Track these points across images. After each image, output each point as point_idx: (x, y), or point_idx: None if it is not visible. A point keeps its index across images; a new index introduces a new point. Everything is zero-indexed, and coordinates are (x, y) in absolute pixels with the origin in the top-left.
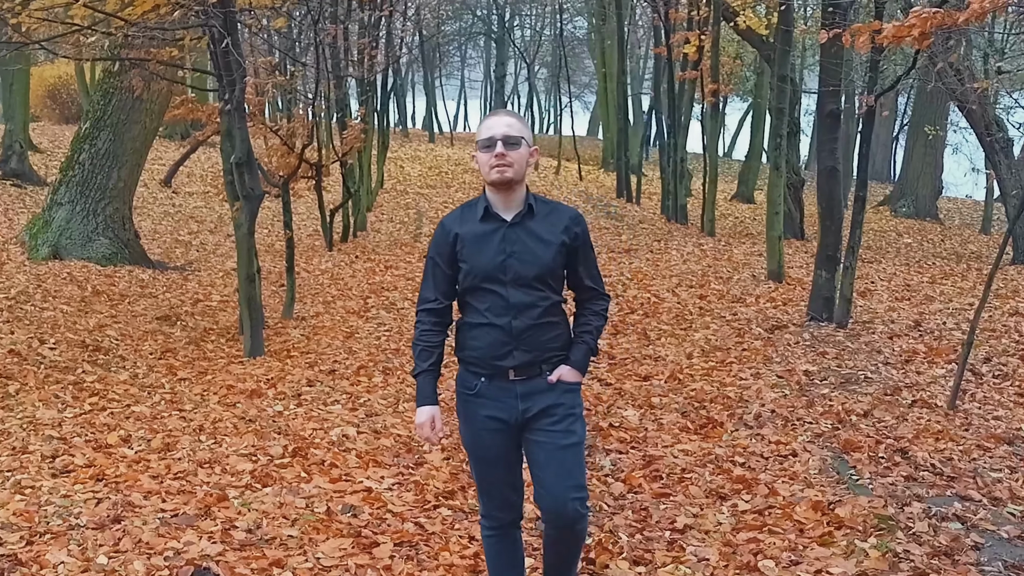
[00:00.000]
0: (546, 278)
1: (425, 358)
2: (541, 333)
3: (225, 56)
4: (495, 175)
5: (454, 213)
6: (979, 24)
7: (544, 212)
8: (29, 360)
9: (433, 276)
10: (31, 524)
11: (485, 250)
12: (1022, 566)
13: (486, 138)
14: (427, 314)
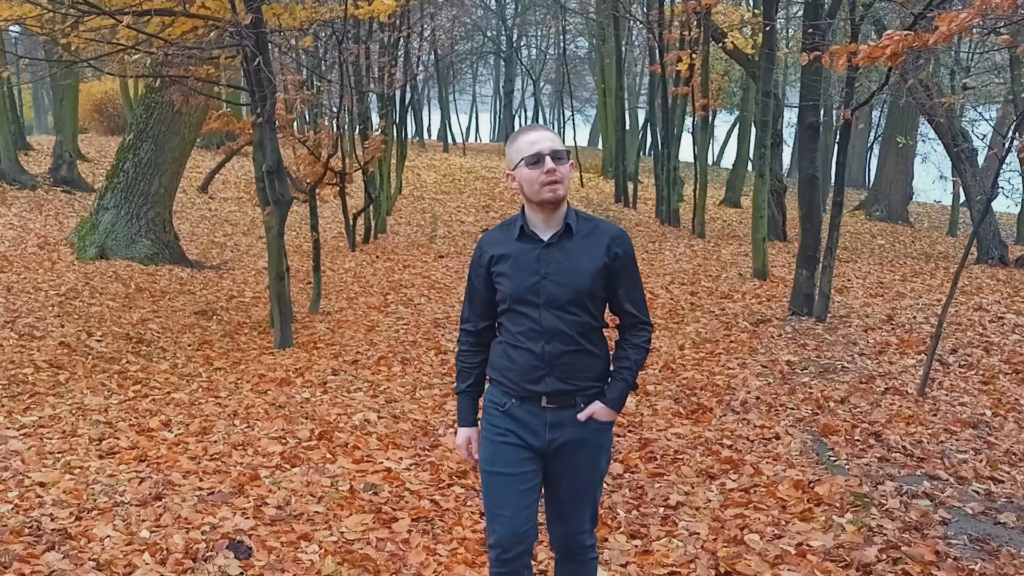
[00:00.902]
0: (583, 301)
1: (464, 378)
2: (576, 361)
3: (257, 73)
4: (547, 193)
5: (492, 232)
6: (946, 45)
7: (584, 231)
8: (78, 351)
9: (470, 296)
10: (80, 501)
11: (519, 271)
12: (986, 540)
13: (532, 154)
14: (465, 334)
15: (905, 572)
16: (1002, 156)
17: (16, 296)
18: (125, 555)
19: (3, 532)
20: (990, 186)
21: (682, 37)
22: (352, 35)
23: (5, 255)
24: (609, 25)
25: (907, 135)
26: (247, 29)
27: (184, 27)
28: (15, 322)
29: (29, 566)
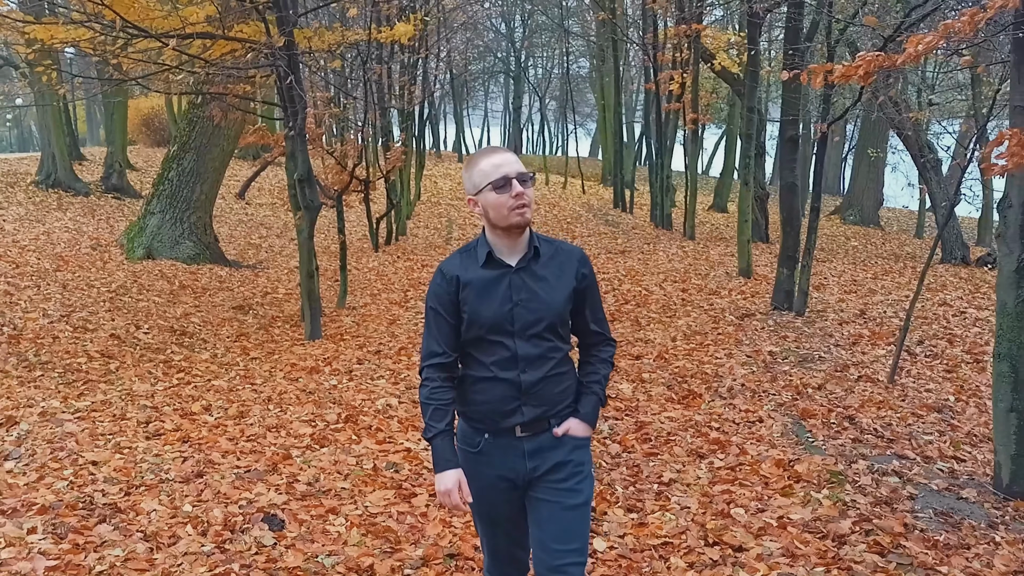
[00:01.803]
0: (556, 327)
1: (439, 418)
2: (551, 386)
3: (289, 91)
4: (516, 218)
5: (452, 260)
6: (914, 65)
7: (549, 253)
8: (127, 343)
9: (437, 327)
10: (128, 478)
11: (490, 299)
12: (949, 513)
13: (499, 177)
14: (435, 370)
15: (876, 542)
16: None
17: (71, 293)
18: (170, 527)
19: (59, 506)
20: (953, 193)
21: (674, 58)
22: (375, 56)
23: (61, 255)
24: (608, 47)
25: (878, 147)
26: (281, 51)
27: (223, 49)
28: (70, 316)
29: (83, 537)
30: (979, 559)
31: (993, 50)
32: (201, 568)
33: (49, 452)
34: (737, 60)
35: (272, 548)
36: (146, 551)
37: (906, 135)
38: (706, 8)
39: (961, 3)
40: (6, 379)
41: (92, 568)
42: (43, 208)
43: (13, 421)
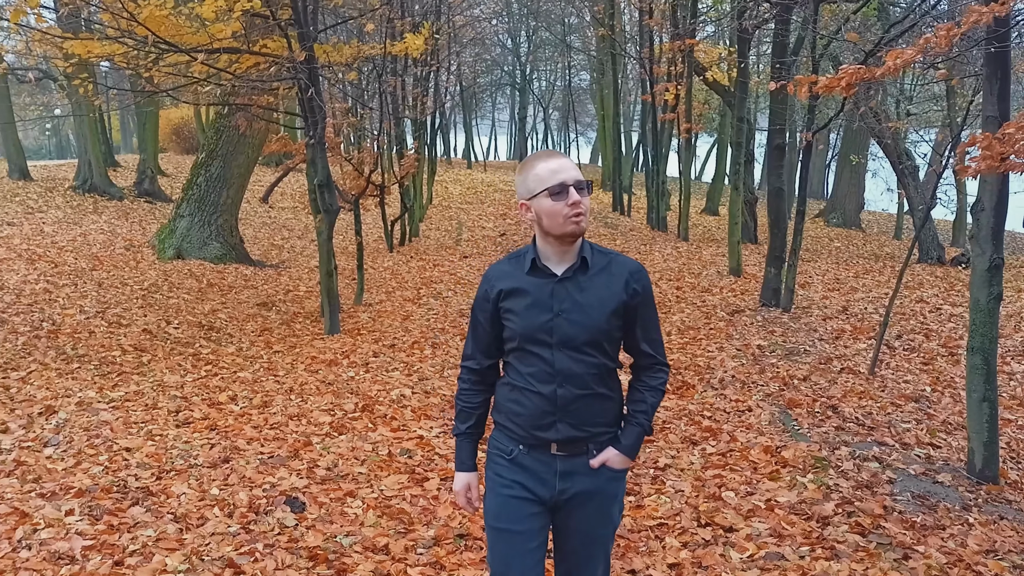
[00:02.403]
0: (599, 342)
1: (464, 419)
2: (589, 406)
3: (310, 102)
4: (571, 226)
5: (500, 265)
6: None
7: (600, 265)
8: (158, 337)
9: (474, 332)
10: (160, 463)
11: (531, 308)
12: (926, 496)
13: (557, 183)
14: (467, 372)
15: (858, 524)
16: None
17: (106, 290)
18: (198, 509)
19: (95, 490)
20: (929, 197)
21: (669, 71)
22: (390, 69)
23: (97, 255)
24: (607, 61)
25: (859, 154)
26: (302, 65)
27: (248, 63)
28: (105, 312)
29: (117, 518)
30: (954, 539)
31: (967, 64)
32: (227, 547)
33: (86, 439)
34: (728, 73)
35: (294, 529)
36: (176, 531)
37: (885, 143)
38: (699, 25)
39: (937, 20)
40: (45, 371)
41: (126, 547)
42: (80, 211)
43: (52, 410)
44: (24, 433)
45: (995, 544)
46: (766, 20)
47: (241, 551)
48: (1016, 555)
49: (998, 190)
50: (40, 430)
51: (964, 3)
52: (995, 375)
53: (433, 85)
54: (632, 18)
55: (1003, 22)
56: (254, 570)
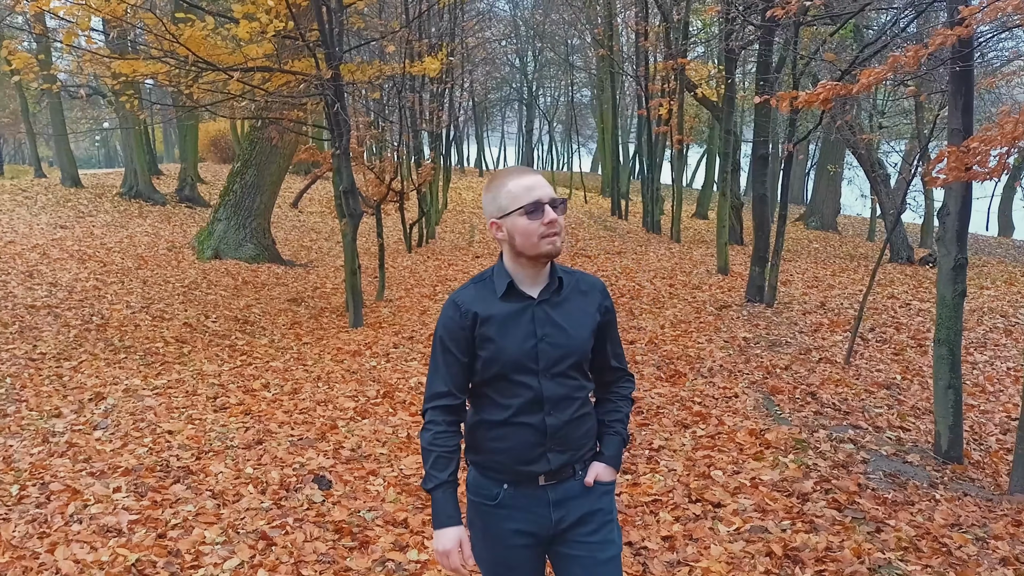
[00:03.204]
0: (581, 364)
1: (442, 467)
2: (576, 429)
3: (336, 116)
4: (547, 246)
5: (466, 290)
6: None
7: (571, 284)
8: (198, 330)
9: (446, 365)
10: (199, 445)
11: (513, 335)
12: (896, 475)
13: (531, 201)
14: (440, 412)
15: (834, 500)
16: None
17: (150, 287)
18: (234, 487)
19: (140, 469)
20: (899, 203)
21: (663, 88)
22: (408, 86)
23: (142, 256)
24: (607, 79)
25: (836, 163)
26: (328, 82)
27: (280, 81)
28: (149, 307)
29: (160, 495)
30: (922, 513)
31: (933, 81)
32: (261, 521)
33: (132, 423)
34: (716, 89)
35: (321, 504)
36: (214, 507)
37: (860, 153)
38: (689, 45)
39: (906, 41)
40: (95, 360)
41: (168, 521)
42: (126, 216)
43: (101, 396)
44: (76, 417)
45: (959, 518)
46: (751, 41)
47: (273, 525)
48: (979, 528)
49: (962, 196)
50: (90, 415)
51: (931, 26)
52: (960, 365)
53: (448, 100)
54: (629, 40)
55: (966, 43)
56: (285, 542)
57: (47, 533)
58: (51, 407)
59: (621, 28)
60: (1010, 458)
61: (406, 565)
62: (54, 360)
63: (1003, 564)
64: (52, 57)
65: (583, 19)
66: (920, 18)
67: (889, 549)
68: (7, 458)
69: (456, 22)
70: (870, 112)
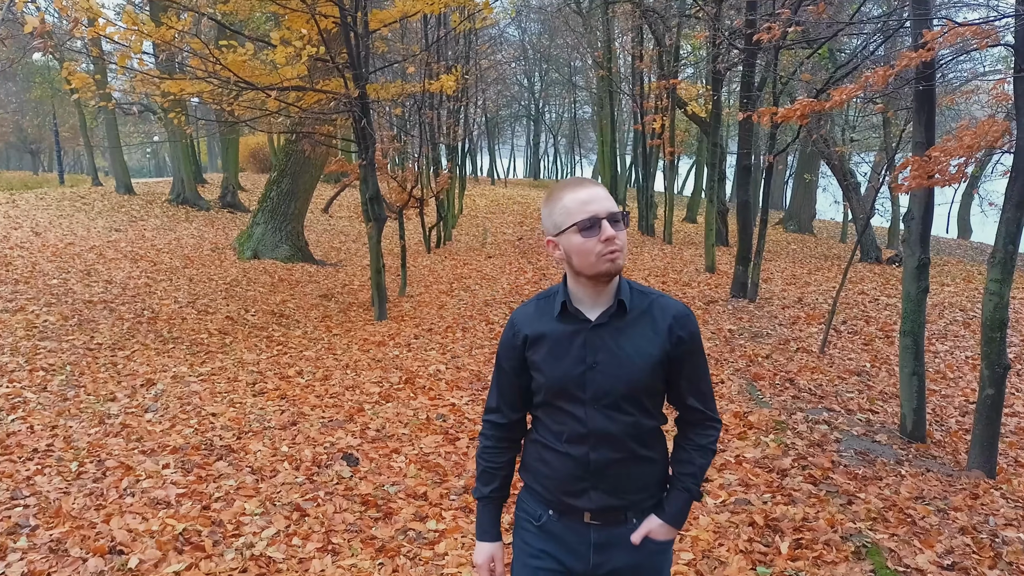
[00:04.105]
0: (639, 397)
1: (486, 481)
2: (627, 470)
3: (362, 130)
4: (606, 265)
5: (527, 308)
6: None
7: (640, 308)
8: (238, 322)
9: (498, 382)
10: (239, 426)
11: (560, 358)
12: (866, 452)
13: (587, 217)
14: (491, 427)
15: (810, 475)
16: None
17: (196, 284)
18: (271, 463)
19: (187, 448)
20: (869, 208)
21: (656, 105)
22: (428, 104)
23: (188, 256)
24: (606, 97)
25: (812, 172)
26: (356, 100)
27: (312, 99)
28: (195, 302)
29: (204, 471)
30: (889, 487)
31: (900, 99)
32: (295, 494)
33: (179, 406)
34: (704, 106)
35: (349, 479)
36: (253, 481)
37: (833, 163)
38: (680, 67)
39: (875, 63)
40: (146, 350)
41: (212, 495)
42: (174, 220)
43: (151, 382)
44: (128, 401)
45: (923, 492)
46: (735, 63)
47: (306, 497)
48: (940, 501)
49: (925, 202)
50: (142, 399)
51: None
52: (923, 354)
53: (463, 116)
54: (626, 62)
55: (929, 65)
56: (317, 513)
57: (103, 505)
58: (107, 392)
59: (619, 51)
60: (968, 438)
61: (425, 534)
62: (109, 350)
63: (962, 533)
64: (108, 77)
65: (584, 43)
66: (888, 42)
67: (860, 519)
68: (67, 438)
69: (470, 46)
70: (842, 126)
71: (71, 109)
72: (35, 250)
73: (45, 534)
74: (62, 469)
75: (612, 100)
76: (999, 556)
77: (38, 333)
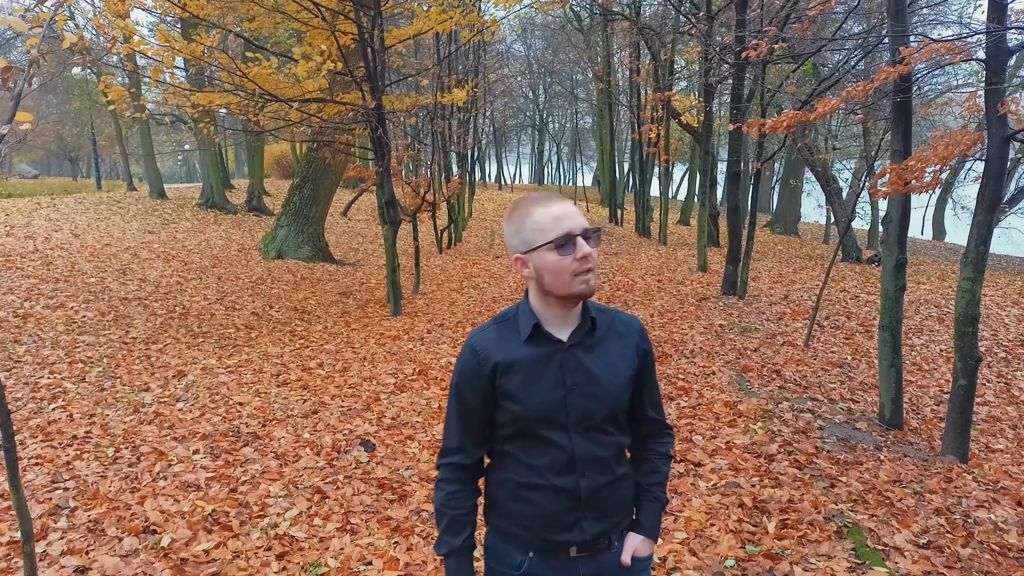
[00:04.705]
0: (617, 416)
1: (456, 531)
2: (613, 492)
3: (379, 139)
4: (580, 286)
5: (486, 332)
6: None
7: (605, 325)
8: (263, 318)
9: (460, 417)
10: (264, 414)
11: (538, 384)
12: (847, 439)
13: (561, 235)
14: (452, 470)
15: (795, 460)
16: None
17: (224, 282)
18: (294, 449)
19: (215, 434)
20: (850, 211)
21: (652, 116)
22: (440, 114)
23: (217, 256)
24: (605, 108)
25: (797, 178)
26: (372, 111)
27: (332, 110)
28: (223, 299)
29: (232, 456)
30: (868, 471)
31: (879, 110)
32: (316, 478)
33: (208, 396)
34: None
35: (367, 464)
36: (277, 466)
37: (817, 170)
38: (674, 80)
39: (856, 77)
40: (177, 344)
41: (238, 478)
42: (204, 222)
43: (182, 374)
44: (161, 391)
45: (900, 475)
46: (726, 76)
47: (327, 481)
48: (916, 484)
49: (902, 206)
50: (173, 389)
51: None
52: (900, 347)
53: (472, 126)
54: (624, 75)
55: (905, 79)
56: (336, 495)
57: (138, 488)
58: (141, 383)
59: (617, 66)
60: (943, 425)
61: None
62: (143, 343)
63: (936, 513)
64: (142, 90)
65: (585, 58)
66: (867, 57)
67: (841, 501)
68: (104, 425)
69: (479, 61)
70: (825, 136)
71: (108, 119)
72: (74, 251)
73: (84, 515)
74: (99, 455)
75: (611, 111)
76: (971, 535)
77: (77, 328)
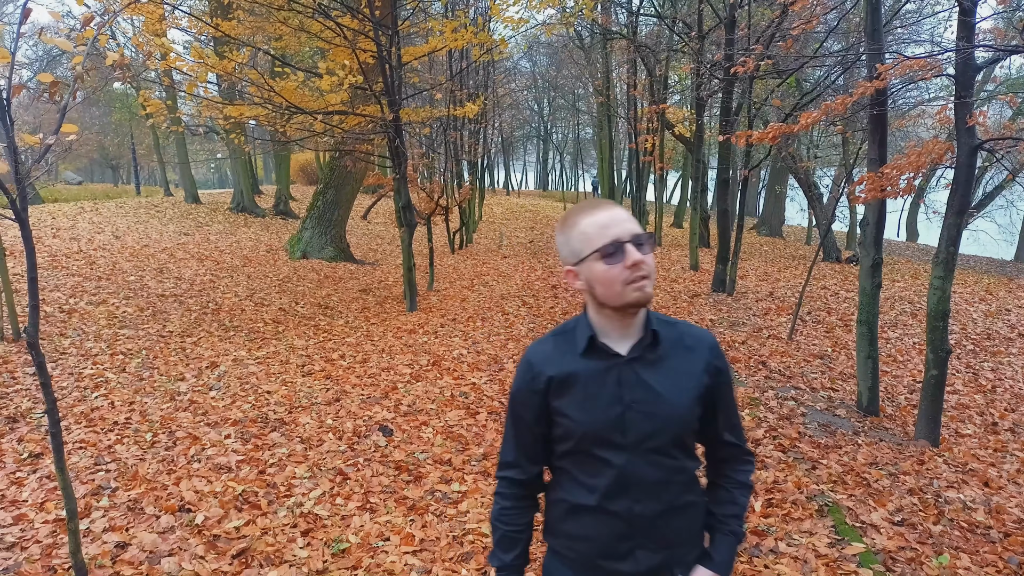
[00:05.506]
0: (682, 438)
1: (507, 547)
2: (675, 522)
3: (396, 148)
4: (633, 294)
5: (542, 345)
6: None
7: (671, 339)
8: (290, 313)
9: (515, 431)
10: (290, 402)
11: (594, 400)
12: (828, 425)
13: (608, 243)
14: (508, 484)
15: (780, 444)
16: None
17: (253, 280)
18: (318, 434)
19: (245, 421)
20: (830, 215)
21: (648, 127)
22: (452, 126)
23: (247, 256)
24: (605, 120)
25: (781, 184)
26: (390, 122)
27: (353, 121)
28: (252, 295)
29: (260, 440)
30: (847, 455)
31: (857, 121)
32: (338, 460)
33: (239, 385)
34: (689, 128)
35: (385, 448)
36: (302, 449)
37: (800, 177)
38: (668, 94)
39: (836, 91)
40: (210, 337)
41: (267, 461)
42: (235, 225)
43: (215, 364)
44: (195, 381)
45: (876, 458)
46: (716, 91)
47: (348, 463)
48: (891, 466)
49: (878, 210)
50: (207, 379)
51: (855, 79)
52: (876, 340)
53: (482, 136)
54: (622, 90)
55: (881, 93)
56: (357, 477)
57: (173, 470)
58: (176, 373)
59: (616, 81)
60: (916, 412)
61: (450, 495)
62: (179, 337)
63: (910, 493)
64: (178, 103)
65: (586, 74)
66: (846, 73)
67: (822, 482)
68: (143, 412)
69: (489, 76)
70: (808, 145)
71: (146, 130)
72: (115, 251)
73: (124, 495)
74: (138, 439)
75: (610, 123)
76: (942, 513)
77: (118, 322)
